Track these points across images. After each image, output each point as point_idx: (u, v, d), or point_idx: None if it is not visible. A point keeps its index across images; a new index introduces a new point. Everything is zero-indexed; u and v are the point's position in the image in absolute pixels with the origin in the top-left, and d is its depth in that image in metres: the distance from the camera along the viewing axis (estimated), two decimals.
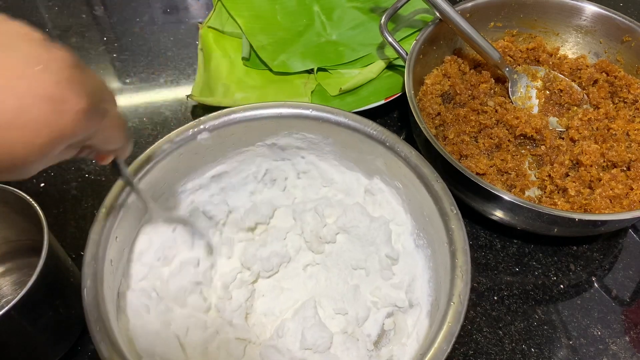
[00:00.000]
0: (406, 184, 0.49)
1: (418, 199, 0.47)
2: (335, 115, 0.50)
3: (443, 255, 0.43)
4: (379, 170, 0.51)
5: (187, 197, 0.52)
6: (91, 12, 0.82)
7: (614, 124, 0.61)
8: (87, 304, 0.38)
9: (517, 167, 0.59)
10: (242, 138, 0.51)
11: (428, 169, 0.46)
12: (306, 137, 0.52)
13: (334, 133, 0.51)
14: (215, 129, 0.49)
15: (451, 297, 0.39)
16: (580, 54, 0.70)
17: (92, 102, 0.27)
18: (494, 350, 0.51)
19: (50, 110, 0.25)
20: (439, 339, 0.37)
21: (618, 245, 0.59)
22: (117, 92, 0.71)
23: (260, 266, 0.51)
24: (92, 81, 0.28)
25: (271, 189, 0.56)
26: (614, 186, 0.55)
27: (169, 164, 0.48)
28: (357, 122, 0.49)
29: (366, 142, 0.49)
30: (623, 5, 0.86)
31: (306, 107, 0.50)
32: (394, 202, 0.51)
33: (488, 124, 0.61)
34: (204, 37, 0.74)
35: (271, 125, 0.51)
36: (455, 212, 0.43)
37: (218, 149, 0.51)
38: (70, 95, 0.25)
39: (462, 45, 0.70)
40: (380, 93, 0.67)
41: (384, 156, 0.49)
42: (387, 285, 0.49)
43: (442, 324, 0.38)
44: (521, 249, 0.58)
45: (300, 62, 0.71)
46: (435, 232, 0.45)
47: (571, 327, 0.53)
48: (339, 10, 0.78)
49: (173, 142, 0.47)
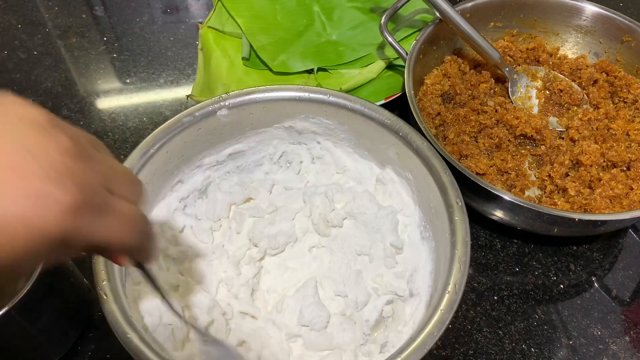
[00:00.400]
0: (416, 175, 0.49)
1: (426, 190, 0.48)
2: (352, 102, 0.51)
3: (445, 246, 0.44)
4: (391, 160, 0.52)
5: (203, 171, 0.53)
6: (91, 12, 0.82)
7: (614, 124, 0.61)
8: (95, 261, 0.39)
9: (517, 167, 0.59)
10: (261, 118, 0.53)
11: (438, 160, 0.47)
12: (322, 122, 0.53)
13: (350, 120, 0.52)
14: (235, 107, 0.50)
15: (447, 286, 0.39)
16: (580, 54, 0.71)
17: (84, 197, 0.23)
18: (494, 350, 0.51)
19: (30, 206, 0.22)
20: (430, 325, 0.37)
21: (618, 245, 0.59)
22: (117, 92, 0.72)
23: (267, 243, 0.52)
24: (94, 172, 0.25)
25: (286, 171, 0.57)
26: (614, 186, 0.55)
27: (188, 137, 0.49)
28: (373, 111, 0.50)
29: (380, 131, 0.50)
30: (623, 5, 0.86)
31: (324, 93, 0.51)
32: (404, 193, 0.52)
33: (488, 124, 0.61)
34: (204, 37, 0.74)
35: (289, 107, 0.52)
36: (460, 205, 0.44)
37: (236, 128, 0.53)
38: (55, 189, 0.22)
39: (462, 45, 0.70)
40: (380, 93, 0.67)
41: (397, 146, 0.50)
42: (389, 273, 0.50)
43: (435, 310, 0.38)
44: (521, 249, 0.58)
45: (300, 62, 0.71)
46: (440, 224, 0.45)
47: (571, 327, 0.53)
48: (339, 10, 0.78)
49: (193, 116, 0.49)
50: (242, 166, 0.56)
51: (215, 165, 0.54)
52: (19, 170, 0.22)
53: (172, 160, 0.49)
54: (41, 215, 0.22)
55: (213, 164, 0.54)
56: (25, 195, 0.22)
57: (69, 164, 0.23)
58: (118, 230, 0.26)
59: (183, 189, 0.52)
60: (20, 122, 0.23)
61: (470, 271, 0.56)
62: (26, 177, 0.22)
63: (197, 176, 0.53)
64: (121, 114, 0.69)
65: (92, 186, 0.24)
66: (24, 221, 0.22)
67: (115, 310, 0.37)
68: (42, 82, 0.71)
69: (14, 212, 0.22)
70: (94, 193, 0.24)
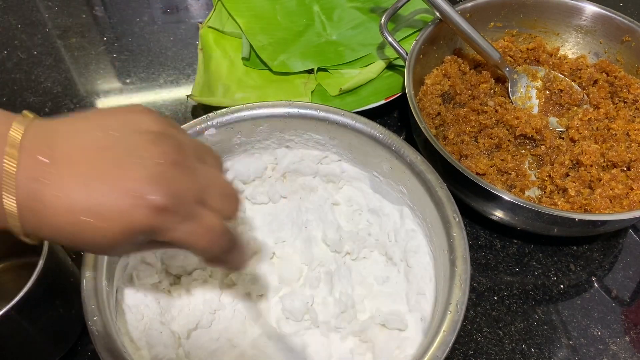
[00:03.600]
0: (410, 189, 0.48)
1: (422, 205, 0.47)
2: (342, 116, 0.50)
3: (444, 263, 0.43)
4: (385, 174, 0.51)
5: None
6: (91, 12, 0.82)
7: (614, 124, 0.61)
8: (85, 295, 0.38)
9: (517, 167, 0.59)
10: (249, 136, 0.52)
11: (433, 175, 0.46)
12: (312, 138, 0.52)
13: (340, 134, 0.51)
14: (223, 126, 0.49)
15: (448, 306, 0.38)
16: (580, 54, 0.70)
17: (172, 202, 0.27)
18: (494, 350, 0.51)
19: (128, 202, 0.26)
20: (433, 348, 0.36)
21: (618, 245, 0.59)
22: (117, 92, 0.72)
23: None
24: (189, 182, 0.29)
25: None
26: (614, 186, 0.55)
27: None
28: (364, 125, 0.49)
29: (372, 145, 0.49)
30: (623, 5, 0.86)
31: (314, 108, 0.50)
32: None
33: (488, 124, 0.61)
34: (204, 37, 0.74)
35: (279, 124, 0.51)
36: (457, 220, 0.43)
37: (225, 147, 0.51)
38: (150, 191, 0.27)
39: (462, 45, 0.70)
40: (380, 93, 0.67)
41: (389, 160, 0.49)
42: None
43: (437, 332, 0.37)
44: (521, 249, 0.58)
45: (300, 62, 0.71)
46: (437, 240, 0.44)
47: (571, 327, 0.53)
48: (339, 10, 0.78)
49: None
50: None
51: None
52: (126, 172, 0.27)
53: None
54: (134, 212, 0.26)
55: None
56: (127, 193, 0.26)
57: (168, 172, 0.28)
58: (198, 237, 0.29)
59: None
60: (136, 131, 0.28)
61: (470, 271, 0.56)
62: (131, 178, 0.27)
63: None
64: None
65: (182, 194, 0.28)
66: (121, 214, 0.26)
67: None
68: (42, 82, 0.71)
69: (116, 205, 0.26)
70: (182, 201, 0.28)
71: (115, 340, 0.37)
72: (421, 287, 0.46)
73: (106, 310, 0.38)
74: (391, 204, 0.52)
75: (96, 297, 0.38)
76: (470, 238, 0.59)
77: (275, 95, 0.68)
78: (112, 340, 0.37)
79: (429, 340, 0.37)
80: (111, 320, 0.38)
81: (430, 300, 0.44)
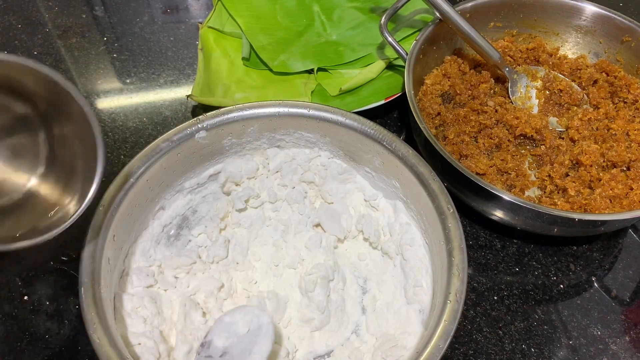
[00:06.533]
0: (403, 182, 0.49)
1: (415, 198, 0.47)
2: (333, 113, 0.50)
3: (440, 254, 0.43)
4: (377, 170, 0.51)
5: (184, 196, 0.52)
6: (91, 12, 0.82)
7: (614, 124, 0.61)
8: (85, 304, 0.38)
9: (517, 167, 0.59)
10: (240, 137, 0.52)
11: (425, 167, 0.46)
12: (304, 136, 0.52)
13: (331, 132, 0.51)
14: (213, 128, 0.49)
15: (447, 296, 0.39)
16: (580, 54, 0.71)
17: None
18: (494, 350, 0.51)
19: None
20: (435, 338, 0.37)
21: (618, 245, 0.59)
22: (117, 92, 0.72)
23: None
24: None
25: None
26: (614, 186, 0.55)
27: (167, 163, 0.48)
28: (354, 121, 0.50)
29: (363, 140, 0.50)
30: (623, 5, 0.86)
31: (304, 107, 0.50)
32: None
33: (488, 124, 0.61)
34: (204, 37, 0.74)
35: (269, 124, 0.51)
36: (452, 211, 0.43)
37: (216, 149, 0.51)
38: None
39: (462, 45, 0.70)
40: (380, 93, 0.67)
41: (381, 155, 0.49)
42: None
43: (438, 322, 0.38)
44: (521, 249, 0.58)
45: (300, 62, 0.71)
46: (433, 231, 0.45)
47: (571, 327, 0.53)
48: (339, 10, 0.78)
49: (171, 141, 0.48)
50: (224, 186, 0.54)
51: (196, 188, 0.52)
52: None
53: (153, 188, 0.48)
54: None
55: (194, 187, 0.52)
56: None
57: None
58: None
59: (165, 215, 0.50)
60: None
61: (470, 271, 0.56)
62: None
63: (178, 201, 0.51)
64: (121, 114, 0.69)
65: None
66: None
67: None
68: None
69: None
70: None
71: (117, 347, 0.37)
72: (418, 279, 0.46)
73: (106, 317, 0.38)
74: (384, 198, 0.52)
75: (95, 305, 0.38)
76: (470, 238, 0.59)
77: (275, 96, 0.68)
78: (113, 347, 0.37)
79: (430, 331, 0.38)
80: (112, 327, 0.38)
81: (428, 291, 0.45)
